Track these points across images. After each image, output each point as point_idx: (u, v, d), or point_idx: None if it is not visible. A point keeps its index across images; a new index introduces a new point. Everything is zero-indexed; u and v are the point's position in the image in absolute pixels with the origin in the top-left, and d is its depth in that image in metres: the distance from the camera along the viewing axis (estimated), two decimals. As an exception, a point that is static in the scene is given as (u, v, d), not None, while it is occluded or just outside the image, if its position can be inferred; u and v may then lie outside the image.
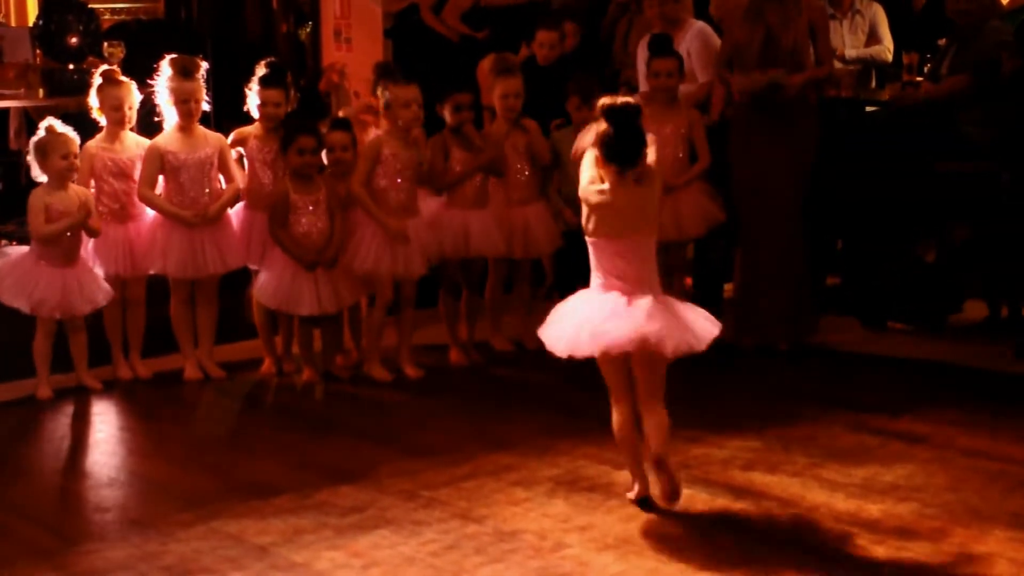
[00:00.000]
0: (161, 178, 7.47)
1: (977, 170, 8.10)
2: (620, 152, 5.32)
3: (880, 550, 4.96)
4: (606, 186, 5.35)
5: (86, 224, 7.16)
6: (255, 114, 7.62)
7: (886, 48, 10.04)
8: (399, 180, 7.42)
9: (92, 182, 7.40)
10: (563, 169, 7.92)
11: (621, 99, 5.42)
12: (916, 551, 4.95)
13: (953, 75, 8.33)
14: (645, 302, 5.29)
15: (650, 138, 5.41)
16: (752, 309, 7.98)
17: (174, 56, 7.48)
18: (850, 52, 9.95)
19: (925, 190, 8.21)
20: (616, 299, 5.33)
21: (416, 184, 7.57)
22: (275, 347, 7.75)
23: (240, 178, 7.60)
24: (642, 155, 5.35)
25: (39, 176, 7.18)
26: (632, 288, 5.34)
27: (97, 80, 7.44)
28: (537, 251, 8.09)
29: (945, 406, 6.80)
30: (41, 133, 7.17)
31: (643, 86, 8.47)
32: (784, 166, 7.81)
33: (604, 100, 5.44)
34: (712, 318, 5.44)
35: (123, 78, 7.45)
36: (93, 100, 7.44)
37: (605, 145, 5.33)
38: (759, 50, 7.77)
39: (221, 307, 7.71)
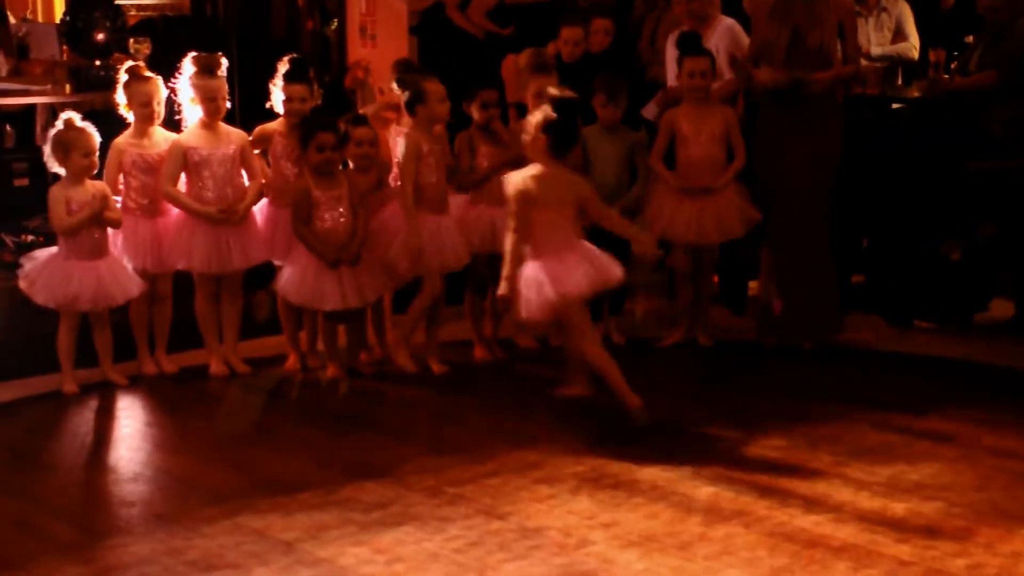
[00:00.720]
0: (184, 175, 7.49)
1: (1004, 168, 8.07)
2: (559, 136, 6.42)
3: (905, 549, 4.94)
4: (539, 167, 6.45)
5: (106, 216, 7.18)
6: (279, 110, 7.64)
7: (912, 45, 10.03)
8: (436, 176, 7.45)
9: (121, 177, 7.43)
10: (590, 167, 7.91)
11: (568, 94, 6.56)
12: (942, 550, 4.93)
13: (981, 71, 8.30)
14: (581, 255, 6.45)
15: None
16: (778, 307, 7.95)
17: (196, 54, 7.49)
18: (876, 49, 9.93)
19: (951, 188, 8.19)
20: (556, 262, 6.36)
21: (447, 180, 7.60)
22: (300, 343, 7.76)
23: (264, 173, 7.63)
24: (576, 144, 6.74)
25: (55, 168, 7.20)
26: (562, 250, 6.40)
27: (124, 76, 7.45)
28: None
29: (971, 405, 6.78)
30: (59, 126, 7.18)
31: (671, 82, 8.46)
32: (810, 164, 7.78)
33: (553, 91, 6.62)
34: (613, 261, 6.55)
35: (150, 74, 7.47)
36: (120, 96, 7.46)
37: (549, 128, 6.41)
38: (786, 48, 7.74)
39: (246, 303, 7.73)
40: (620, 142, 7.95)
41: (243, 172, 7.58)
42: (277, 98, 7.62)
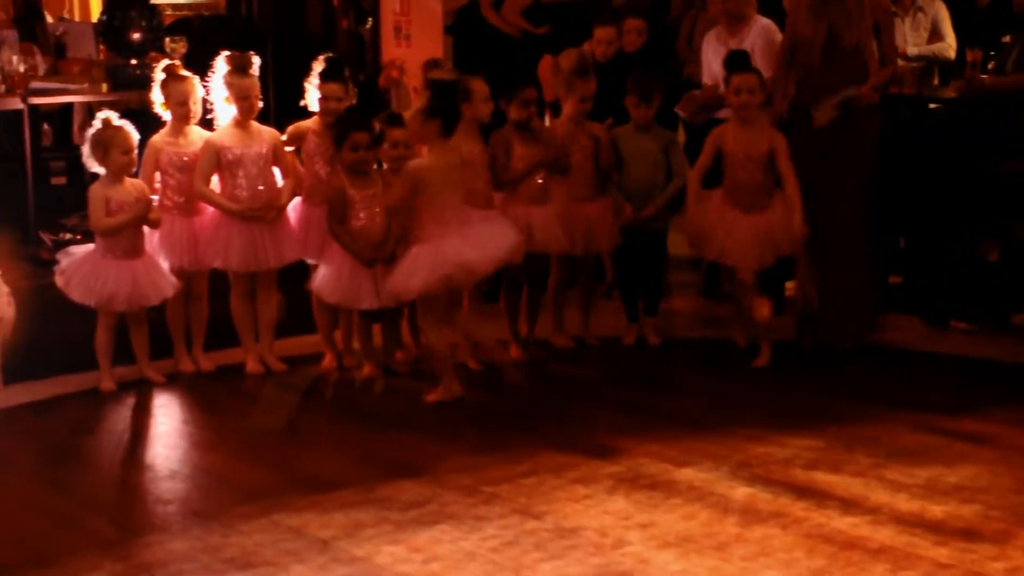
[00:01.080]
0: (217, 174, 7.51)
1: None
2: (446, 117, 6.90)
3: (944, 551, 4.92)
4: (434, 154, 6.92)
5: (146, 217, 7.22)
6: (314, 108, 7.65)
7: (949, 45, 9.98)
8: (482, 180, 7.43)
9: (157, 176, 7.46)
10: (623, 166, 7.91)
11: (447, 76, 7.20)
12: (980, 553, 4.91)
13: (1018, 71, 8.25)
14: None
15: None
16: (814, 310, 7.90)
17: (229, 53, 7.51)
18: (912, 49, 9.89)
19: (988, 188, 8.15)
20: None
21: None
22: (335, 342, 7.77)
23: (298, 171, 7.64)
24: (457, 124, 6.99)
25: (95, 167, 7.23)
26: (461, 227, 6.94)
27: (160, 75, 7.48)
28: (597, 247, 8.07)
29: (1010, 406, 6.73)
30: (97, 125, 7.22)
31: (706, 81, 8.45)
32: (847, 165, 7.74)
33: (433, 73, 7.22)
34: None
35: (186, 73, 7.49)
36: (156, 95, 7.48)
37: (435, 112, 6.88)
38: (821, 47, 7.69)
39: (281, 301, 7.75)
40: (654, 141, 7.93)
41: (276, 171, 7.59)
42: (312, 96, 7.63)
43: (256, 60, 7.54)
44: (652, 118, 7.94)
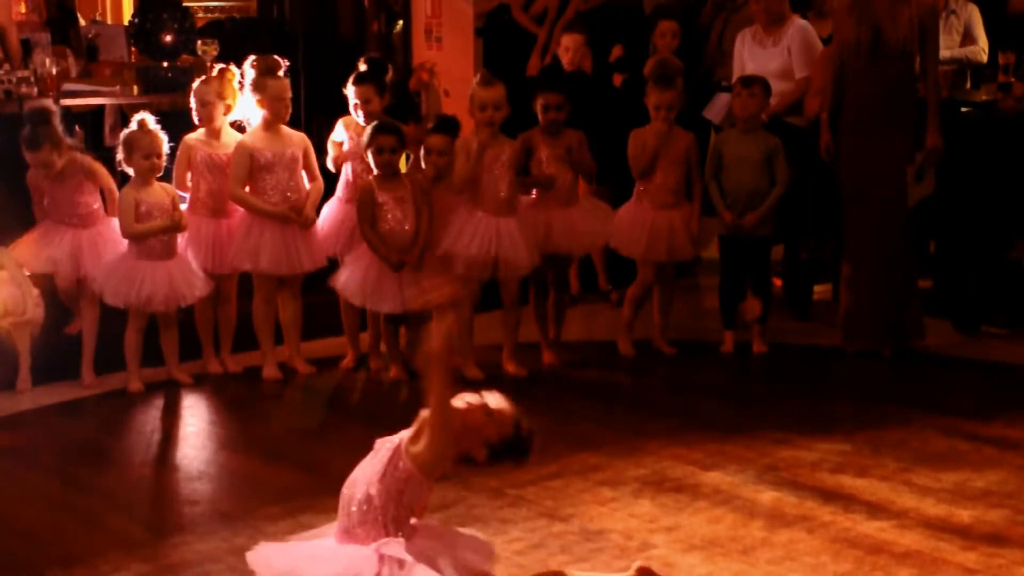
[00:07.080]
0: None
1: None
2: None
3: (971, 556, 4.91)
4: None
5: (175, 223, 7.24)
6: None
7: (981, 48, 9.91)
8: (499, 177, 7.41)
9: (189, 175, 7.49)
10: (724, 171, 7.87)
11: None
12: (1008, 558, 4.89)
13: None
14: None
15: None
16: (858, 314, 7.84)
17: (257, 56, 7.52)
18: (944, 52, 9.82)
19: (1019, 192, 8.10)
20: None
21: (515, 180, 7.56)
22: (359, 342, 7.76)
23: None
24: None
25: (125, 168, 7.28)
26: None
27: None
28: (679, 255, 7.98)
29: (1039, 411, 6.71)
30: (132, 127, 7.26)
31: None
32: (889, 169, 7.69)
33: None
34: None
35: (212, 75, 7.51)
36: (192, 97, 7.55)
37: None
38: (867, 49, 7.61)
39: (307, 303, 7.75)
40: (758, 146, 7.82)
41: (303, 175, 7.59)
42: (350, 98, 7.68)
43: (284, 63, 7.54)
44: (755, 112, 7.89)
